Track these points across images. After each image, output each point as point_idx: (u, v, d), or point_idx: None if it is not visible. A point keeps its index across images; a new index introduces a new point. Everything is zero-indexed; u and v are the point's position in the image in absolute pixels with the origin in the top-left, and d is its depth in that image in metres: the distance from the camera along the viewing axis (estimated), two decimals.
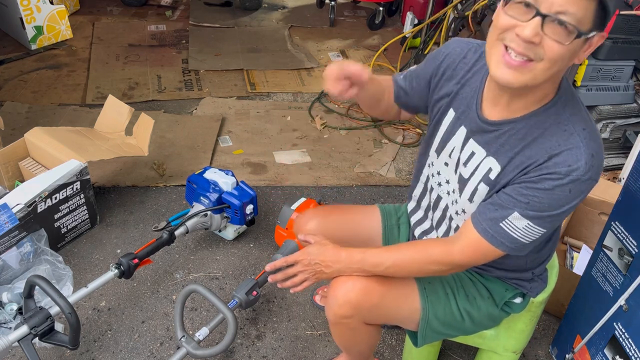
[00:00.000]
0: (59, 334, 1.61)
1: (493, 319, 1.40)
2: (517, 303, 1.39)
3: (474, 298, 1.35)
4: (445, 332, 1.38)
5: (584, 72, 2.65)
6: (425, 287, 1.33)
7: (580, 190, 1.05)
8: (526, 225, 1.09)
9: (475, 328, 1.41)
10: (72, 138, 2.30)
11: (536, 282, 1.37)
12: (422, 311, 1.32)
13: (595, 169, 1.04)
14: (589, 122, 1.08)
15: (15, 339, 1.55)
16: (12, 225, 1.87)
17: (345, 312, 1.27)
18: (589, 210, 2.17)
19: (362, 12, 4.50)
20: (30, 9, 3.47)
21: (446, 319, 1.34)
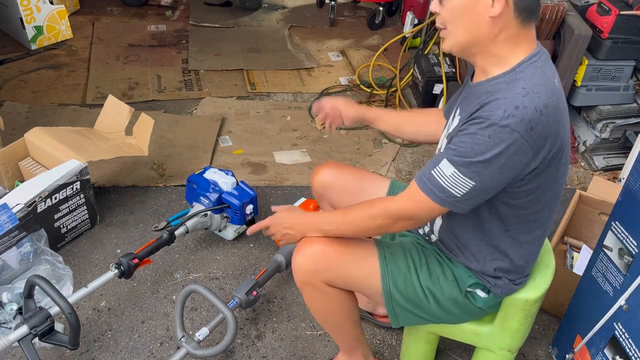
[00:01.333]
0: (58, 334, 1.61)
1: (459, 306, 1.39)
2: (481, 297, 1.38)
3: (437, 277, 1.36)
4: (413, 311, 1.39)
5: (584, 72, 2.65)
6: (385, 256, 1.37)
7: (499, 137, 1.06)
8: (453, 172, 1.12)
9: (445, 314, 1.41)
10: (72, 138, 2.30)
11: (502, 281, 1.35)
12: (382, 280, 1.35)
13: (516, 120, 1.05)
14: (538, 86, 1.10)
15: (15, 339, 1.55)
16: (12, 225, 1.87)
17: (305, 267, 1.35)
18: (589, 210, 2.17)
19: (362, 12, 4.50)
20: (30, 9, 3.47)
21: (408, 293, 1.36)
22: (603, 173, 2.79)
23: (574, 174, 2.80)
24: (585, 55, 2.63)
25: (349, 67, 3.66)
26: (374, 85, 3.39)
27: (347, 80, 3.49)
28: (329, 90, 3.36)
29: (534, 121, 1.07)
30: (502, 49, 1.16)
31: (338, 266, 1.36)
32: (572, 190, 2.60)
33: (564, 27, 2.59)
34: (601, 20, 2.60)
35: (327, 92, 3.34)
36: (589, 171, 2.82)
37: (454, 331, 1.54)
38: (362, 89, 3.38)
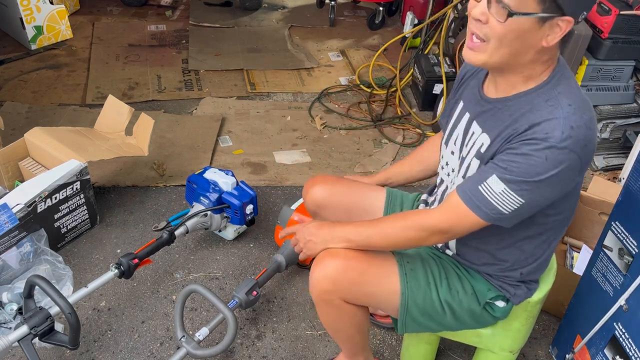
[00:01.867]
0: (58, 334, 1.61)
1: (475, 317, 1.39)
2: (500, 307, 1.38)
3: (456, 291, 1.35)
4: (425, 322, 1.38)
5: (584, 72, 2.65)
6: (406, 272, 1.35)
7: (557, 159, 1.06)
8: (503, 189, 1.11)
9: (458, 324, 1.40)
10: (72, 138, 2.30)
11: (521, 290, 1.36)
12: (402, 296, 1.34)
13: (573, 140, 1.05)
14: (578, 99, 1.11)
15: (15, 339, 1.55)
16: (12, 225, 1.87)
17: (324, 286, 1.31)
18: (589, 210, 2.17)
19: (362, 12, 4.50)
20: (30, 9, 3.47)
21: (426, 307, 1.35)
22: (603, 173, 2.79)
23: None
24: (585, 55, 2.62)
25: (349, 67, 3.66)
26: (374, 85, 3.39)
27: (347, 80, 3.49)
28: (329, 91, 3.36)
29: (587, 138, 1.08)
30: (537, 68, 1.15)
31: (358, 286, 1.33)
32: None
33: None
34: (601, 20, 2.60)
35: (327, 92, 3.34)
36: (589, 171, 2.83)
37: (455, 332, 1.54)
38: (362, 89, 3.39)
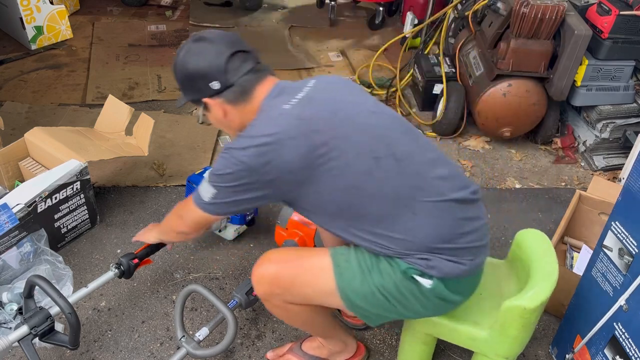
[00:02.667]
0: (59, 334, 1.62)
1: (419, 300, 1.36)
2: (427, 286, 1.33)
3: (388, 275, 1.35)
4: (382, 313, 1.41)
5: (584, 72, 2.65)
6: (339, 265, 1.38)
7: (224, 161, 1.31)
8: (204, 182, 1.37)
9: (411, 311, 1.40)
10: (72, 138, 2.30)
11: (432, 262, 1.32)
12: (339, 290, 1.37)
13: (228, 151, 1.31)
14: (253, 127, 1.33)
15: (16, 339, 1.55)
16: (12, 225, 1.87)
17: (262, 289, 1.45)
18: (589, 210, 2.17)
19: (362, 12, 4.49)
20: (30, 9, 3.47)
21: (367, 297, 1.37)
22: (603, 173, 2.79)
23: (574, 174, 2.80)
24: (585, 55, 2.63)
25: (349, 67, 3.66)
26: (374, 86, 3.39)
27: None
28: None
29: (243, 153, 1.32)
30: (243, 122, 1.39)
31: (294, 289, 1.42)
32: (572, 190, 2.60)
33: (564, 27, 2.59)
34: (601, 20, 2.60)
35: None
36: (589, 171, 2.83)
37: (451, 334, 1.54)
38: None
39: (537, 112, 2.80)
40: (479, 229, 1.38)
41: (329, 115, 1.31)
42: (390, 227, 1.32)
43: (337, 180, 1.29)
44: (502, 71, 2.69)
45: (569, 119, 2.97)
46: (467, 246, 1.35)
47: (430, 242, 1.32)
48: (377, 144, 1.31)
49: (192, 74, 1.37)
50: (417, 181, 1.33)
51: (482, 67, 2.85)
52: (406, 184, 1.31)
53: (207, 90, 1.36)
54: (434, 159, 1.38)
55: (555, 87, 2.68)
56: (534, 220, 2.45)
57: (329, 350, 1.71)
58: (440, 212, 1.33)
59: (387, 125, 1.37)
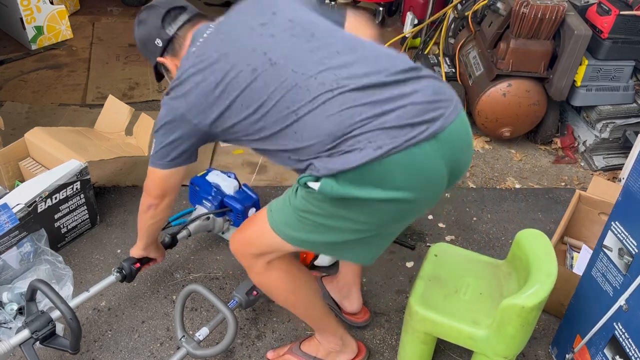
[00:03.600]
0: (60, 339, 1.63)
1: (324, 202, 1.27)
2: (313, 188, 1.24)
3: (299, 194, 1.32)
4: (324, 238, 1.35)
5: (584, 72, 2.65)
6: (271, 209, 1.42)
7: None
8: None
9: (334, 222, 1.30)
10: (72, 138, 2.30)
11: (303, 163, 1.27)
12: (275, 230, 1.39)
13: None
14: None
15: (17, 343, 1.56)
16: (12, 225, 1.87)
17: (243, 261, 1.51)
18: (589, 210, 2.17)
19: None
20: (30, 9, 3.47)
21: (294, 224, 1.36)
22: (603, 173, 2.79)
23: (574, 174, 2.80)
24: (585, 55, 2.63)
25: None
26: None
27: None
28: None
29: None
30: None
31: (256, 245, 1.47)
32: (572, 190, 2.60)
33: (564, 27, 2.59)
34: (601, 20, 2.60)
35: None
36: (589, 171, 2.83)
37: (451, 334, 1.54)
38: None
39: (537, 112, 2.80)
40: (399, 108, 1.20)
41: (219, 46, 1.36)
42: (285, 140, 1.28)
43: (234, 102, 1.32)
44: (502, 71, 2.69)
45: (569, 119, 2.97)
46: (369, 130, 1.18)
47: (320, 143, 1.22)
48: (253, 56, 1.29)
49: (142, 40, 1.52)
50: (296, 79, 1.24)
51: (482, 67, 2.85)
52: (283, 86, 1.25)
53: (156, 50, 1.50)
54: (340, 50, 1.28)
55: (555, 87, 2.68)
56: (534, 220, 2.45)
57: (326, 349, 1.71)
58: (329, 104, 1.21)
59: (273, 33, 1.33)
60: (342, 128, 1.19)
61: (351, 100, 1.20)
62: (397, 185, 1.21)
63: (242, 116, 1.31)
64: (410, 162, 1.21)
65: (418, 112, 1.21)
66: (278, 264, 1.48)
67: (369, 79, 1.22)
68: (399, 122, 1.19)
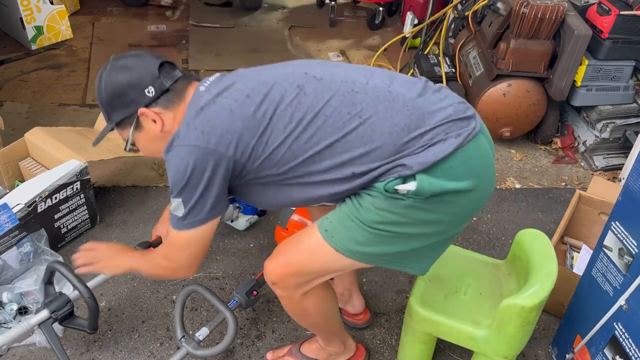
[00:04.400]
0: (78, 319, 1.67)
1: (419, 211, 1.25)
2: (414, 189, 1.21)
3: (372, 205, 1.26)
4: (397, 250, 1.31)
5: (584, 72, 2.65)
6: (326, 229, 1.32)
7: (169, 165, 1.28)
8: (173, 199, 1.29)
9: (415, 227, 1.28)
10: (72, 138, 2.30)
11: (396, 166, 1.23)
12: (341, 251, 1.31)
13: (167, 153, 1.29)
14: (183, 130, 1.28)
15: (36, 323, 1.59)
16: (12, 225, 1.87)
17: (279, 289, 1.43)
18: (589, 210, 2.17)
19: (362, 12, 4.50)
20: (30, 9, 3.47)
21: (367, 240, 1.29)
22: (603, 173, 2.79)
23: (574, 174, 2.80)
24: (585, 55, 2.63)
25: None
26: None
27: None
28: None
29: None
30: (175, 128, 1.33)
31: (303, 275, 1.38)
32: (572, 190, 2.60)
33: (564, 27, 2.59)
34: (601, 20, 2.60)
35: None
36: (589, 171, 2.83)
37: (451, 334, 1.54)
38: None
39: (537, 112, 2.80)
40: (450, 106, 1.27)
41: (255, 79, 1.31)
42: (348, 147, 1.23)
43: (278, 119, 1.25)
44: (502, 71, 2.69)
45: (569, 119, 2.97)
46: (439, 124, 1.23)
47: (395, 139, 1.22)
48: (293, 76, 1.29)
49: (123, 87, 1.30)
50: (348, 87, 1.26)
51: (482, 67, 2.85)
52: (338, 93, 1.25)
53: (141, 99, 1.31)
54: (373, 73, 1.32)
55: (555, 87, 2.68)
56: (534, 220, 2.45)
57: (328, 353, 1.71)
58: (390, 103, 1.24)
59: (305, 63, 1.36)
60: (415, 121, 1.23)
61: (409, 99, 1.26)
62: (475, 173, 1.27)
63: (286, 133, 1.24)
64: (478, 150, 1.27)
65: (463, 109, 1.29)
66: (315, 291, 1.43)
67: (412, 88, 1.29)
68: (457, 115, 1.26)
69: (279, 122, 1.24)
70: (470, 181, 1.25)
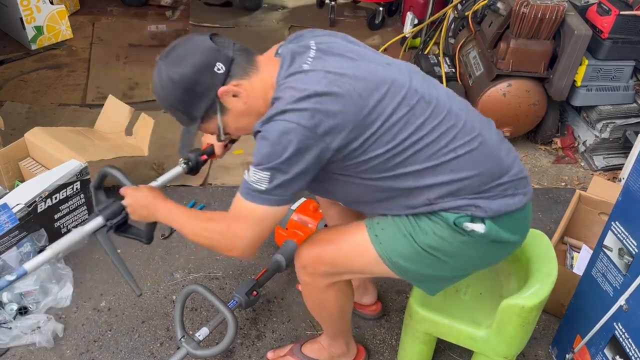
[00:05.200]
0: (134, 228, 1.52)
1: (472, 246, 1.32)
2: (481, 232, 1.28)
3: (432, 232, 1.31)
4: (433, 274, 1.37)
5: (584, 72, 2.65)
6: (377, 234, 1.35)
7: (266, 136, 1.17)
8: (252, 170, 1.19)
9: (467, 262, 1.37)
10: (72, 138, 2.30)
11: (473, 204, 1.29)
12: (383, 259, 1.34)
13: (272, 120, 1.18)
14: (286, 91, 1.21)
15: (91, 230, 1.47)
16: (12, 225, 1.87)
17: (304, 277, 1.44)
18: (589, 210, 2.17)
19: (362, 12, 4.49)
20: (30, 9, 3.47)
21: (416, 259, 1.33)
22: (603, 173, 2.79)
23: (574, 174, 2.80)
24: (585, 55, 2.63)
25: None
26: None
27: None
28: None
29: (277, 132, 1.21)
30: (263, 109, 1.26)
31: (337, 268, 1.41)
32: (572, 190, 2.60)
33: (564, 27, 2.59)
34: (601, 20, 2.60)
35: None
36: (589, 171, 2.83)
37: (451, 334, 1.54)
38: None
39: (537, 112, 2.80)
40: (516, 161, 1.37)
41: (354, 71, 1.24)
42: (433, 176, 1.27)
43: (388, 128, 1.22)
44: (502, 71, 2.69)
45: (569, 119, 2.97)
46: (512, 179, 1.32)
47: (478, 182, 1.29)
48: (405, 93, 1.25)
49: (192, 76, 1.21)
50: (452, 120, 1.28)
51: (482, 67, 2.85)
52: (442, 124, 1.27)
53: (215, 79, 1.22)
54: (465, 108, 1.36)
55: (555, 87, 2.68)
56: (534, 220, 2.45)
57: (330, 353, 1.71)
58: (482, 147, 1.29)
59: (404, 71, 1.32)
60: (497, 171, 1.31)
61: (495, 148, 1.33)
62: (524, 230, 1.41)
63: (386, 148, 1.23)
64: (530, 211, 1.41)
65: (522, 167, 1.40)
66: (340, 285, 1.46)
67: (491, 131, 1.38)
68: (522, 174, 1.37)
69: (383, 136, 1.22)
70: (519, 236, 1.39)
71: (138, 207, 1.44)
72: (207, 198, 2.46)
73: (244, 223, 1.25)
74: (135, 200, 1.44)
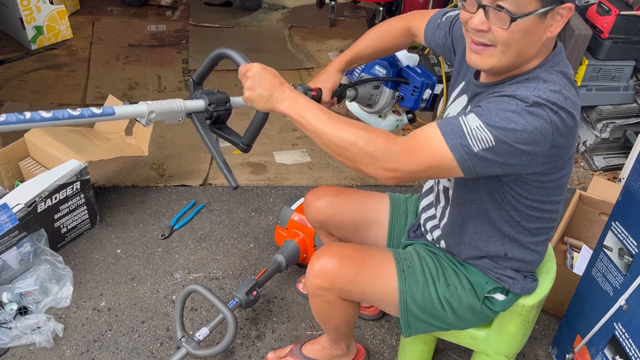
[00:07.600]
0: (233, 131, 1.38)
1: (475, 313, 1.38)
2: (499, 300, 1.36)
3: (454, 287, 1.35)
4: (427, 320, 1.39)
5: (584, 72, 2.65)
6: (403, 270, 1.36)
7: (525, 117, 1.03)
8: (478, 125, 1.04)
9: (459, 322, 1.40)
10: (72, 138, 2.30)
11: (518, 280, 1.35)
12: (400, 294, 1.34)
13: (540, 107, 1.04)
14: (556, 83, 1.10)
15: (191, 109, 1.31)
16: (12, 225, 1.87)
17: (320, 283, 1.36)
18: (589, 210, 2.17)
19: (362, 12, 4.50)
20: (30, 9, 3.47)
21: (425, 305, 1.35)
22: (603, 173, 2.79)
23: (574, 174, 2.80)
24: (585, 55, 2.63)
25: None
26: None
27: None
28: None
29: (560, 107, 1.07)
30: (533, 59, 1.17)
31: (354, 285, 1.36)
32: (572, 190, 2.60)
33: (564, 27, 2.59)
34: (601, 20, 2.60)
35: None
36: (589, 171, 2.83)
37: (451, 333, 1.54)
38: None
39: None
40: None
41: None
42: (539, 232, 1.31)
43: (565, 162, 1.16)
44: None
45: None
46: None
47: (535, 264, 1.38)
48: None
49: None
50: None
51: None
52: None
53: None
54: None
55: None
56: None
57: (330, 354, 1.70)
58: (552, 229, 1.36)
59: None
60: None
61: None
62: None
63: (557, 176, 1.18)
64: None
65: None
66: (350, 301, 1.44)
67: None
68: None
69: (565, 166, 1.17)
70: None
71: (261, 86, 1.18)
72: (207, 198, 2.46)
73: (423, 159, 1.08)
74: (261, 76, 1.18)
